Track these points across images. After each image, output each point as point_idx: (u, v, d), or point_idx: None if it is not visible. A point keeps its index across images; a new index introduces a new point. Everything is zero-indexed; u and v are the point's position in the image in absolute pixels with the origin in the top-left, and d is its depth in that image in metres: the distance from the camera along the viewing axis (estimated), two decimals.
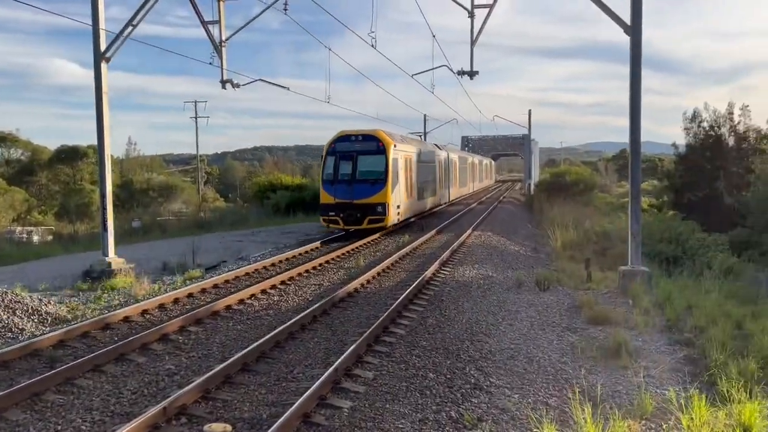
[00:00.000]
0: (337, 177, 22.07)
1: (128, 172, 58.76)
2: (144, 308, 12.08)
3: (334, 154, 22.31)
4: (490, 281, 15.12)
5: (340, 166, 22.09)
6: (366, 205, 21.92)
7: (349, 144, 22.27)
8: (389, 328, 10.67)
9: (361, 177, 22.00)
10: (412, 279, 15.21)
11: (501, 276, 16.05)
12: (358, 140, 22.25)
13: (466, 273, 16.16)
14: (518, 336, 10.56)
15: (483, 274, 16.03)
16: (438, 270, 16.28)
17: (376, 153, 22.10)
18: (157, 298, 12.68)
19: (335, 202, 21.94)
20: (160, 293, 14.10)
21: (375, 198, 21.90)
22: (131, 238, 25.26)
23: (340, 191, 21.96)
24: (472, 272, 16.25)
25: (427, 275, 15.04)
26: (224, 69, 18.64)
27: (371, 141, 22.24)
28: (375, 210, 21.92)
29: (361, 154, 22.16)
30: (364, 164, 22.06)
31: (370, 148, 22.17)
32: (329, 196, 22.12)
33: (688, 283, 14.83)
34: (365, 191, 21.92)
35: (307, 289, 14.37)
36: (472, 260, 18.09)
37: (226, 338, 10.39)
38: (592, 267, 15.94)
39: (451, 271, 16.39)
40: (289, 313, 12.05)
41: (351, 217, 21.96)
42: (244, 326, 11.15)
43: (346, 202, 21.84)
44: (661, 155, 77.14)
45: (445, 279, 15.30)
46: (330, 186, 22.16)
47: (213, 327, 11.04)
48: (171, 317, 11.70)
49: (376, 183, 21.95)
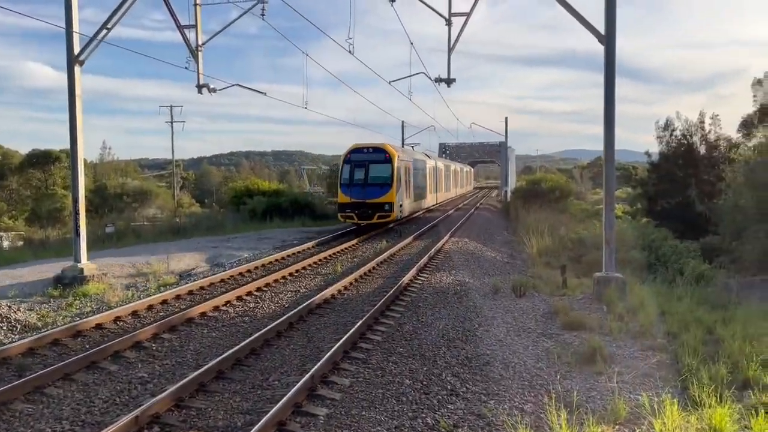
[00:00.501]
0: (352, 181, 26.86)
1: (102, 176, 57.91)
2: (117, 315, 11.90)
3: (349, 162, 27.21)
4: (467, 287, 15.12)
5: (354, 172, 26.93)
6: (376, 204, 26.66)
7: (362, 155, 27.22)
8: (366, 334, 10.64)
9: (371, 181, 26.79)
10: (389, 285, 15.18)
11: (478, 282, 16.05)
12: (369, 152, 27.26)
13: (443, 279, 16.13)
14: (494, 342, 10.60)
15: (460, 281, 16.00)
16: (415, 276, 16.28)
17: (384, 162, 26.93)
18: (130, 305, 12.50)
19: (351, 201, 26.65)
20: (133, 300, 13.91)
21: (383, 198, 26.71)
22: (104, 244, 24.88)
23: (355, 192, 26.73)
24: (450, 278, 16.22)
25: (405, 281, 15.02)
26: (200, 73, 18.50)
27: (380, 152, 27.23)
28: (383, 208, 26.68)
29: (371, 162, 27.02)
30: (374, 171, 26.89)
31: (378, 158, 27.10)
32: (346, 197, 26.81)
33: (661, 289, 15.01)
34: (375, 193, 26.70)
35: (283, 296, 14.27)
36: (450, 266, 18.14)
37: (200, 345, 10.27)
38: (568, 273, 16.05)
39: (428, 277, 16.35)
40: (264, 320, 11.97)
41: (364, 213, 26.63)
42: (219, 333, 11.04)
43: (360, 202, 26.59)
44: (635, 163, 78.00)
45: (422, 285, 15.28)
46: (347, 188, 26.87)
47: (187, 334, 10.91)
48: (144, 324, 11.54)
49: (384, 186, 26.75)
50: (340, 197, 27.19)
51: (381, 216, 26.67)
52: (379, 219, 26.70)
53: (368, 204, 26.66)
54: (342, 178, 27.26)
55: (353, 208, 26.73)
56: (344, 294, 14.39)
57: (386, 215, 26.71)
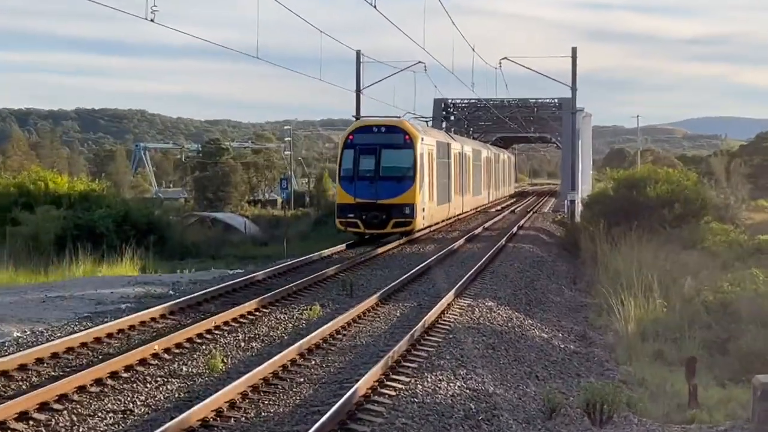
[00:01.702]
0: (357, 173, 21.72)
1: None
2: None
3: (352, 147, 21.96)
4: (491, 406, 8.98)
5: (360, 161, 21.75)
6: (391, 206, 21.63)
7: (371, 135, 22.12)
8: None
9: (385, 174, 21.76)
10: (325, 401, 8.12)
11: (513, 394, 9.81)
12: (381, 131, 22.20)
13: (441, 389, 9.11)
14: None
15: (476, 391, 9.37)
16: (381, 382, 8.82)
17: (402, 147, 21.96)
18: None
19: (355, 202, 21.52)
20: None
21: (402, 198, 21.73)
22: None
23: (361, 190, 21.56)
24: (456, 386, 9.33)
25: (358, 395, 8.02)
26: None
27: (396, 133, 22.14)
28: (402, 211, 21.71)
29: (385, 147, 21.94)
30: (389, 159, 21.91)
31: (395, 140, 22.10)
32: (348, 195, 21.73)
33: None
34: (390, 190, 21.67)
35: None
36: (457, 359, 10.41)
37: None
38: (702, 376, 10.92)
39: (410, 384, 9.01)
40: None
41: (374, 219, 21.57)
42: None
43: (369, 203, 21.47)
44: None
45: (397, 403, 8.34)
46: (349, 184, 21.78)
47: None
48: None
49: (403, 180, 21.83)
50: (339, 195, 22.59)
51: (399, 223, 21.75)
52: (396, 228, 21.88)
53: (381, 206, 21.51)
54: (342, 168, 22.26)
55: (359, 212, 21.54)
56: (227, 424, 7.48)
57: (406, 222, 21.84)
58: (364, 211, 21.44)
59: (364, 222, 21.48)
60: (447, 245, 21.77)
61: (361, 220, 21.45)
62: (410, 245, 22.41)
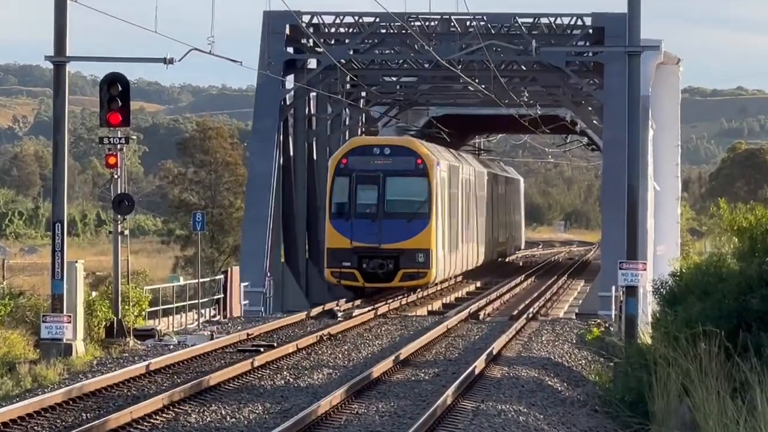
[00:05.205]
0: (354, 209, 17.83)
1: None
2: None
3: (347, 174, 17.93)
4: None
5: (358, 192, 17.70)
6: (400, 251, 17.49)
7: (372, 159, 18.07)
8: None
9: (392, 210, 17.78)
10: None
11: None
12: (385, 153, 18.16)
13: None
14: None
15: None
16: None
17: (414, 174, 18.03)
18: None
19: (352, 246, 17.60)
20: None
21: (414, 242, 17.78)
22: None
23: (360, 231, 17.77)
24: None
25: None
26: None
27: (405, 155, 18.26)
28: (414, 259, 17.65)
29: (391, 174, 17.85)
30: (397, 190, 17.89)
31: (404, 165, 18.21)
32: (343, 238, 17.96)
33: None
34: (399, 231, 17.57)
35: None
36: None
37: None
38: None
39: None
40: None
41: (379, 269, 17.36)
42: None
43: (370, 248, 17.62)
44: None
45: None
46: (343, 223, 17.90)
47: None
48: None
49: (415, 218, 17.60)
50: (329, 238, 18.53)
51: (409, 275, 18.26)
52: (405, 281, 18.42)
53: (385, 252, 17.96)
54: (333, 203, 18.61)
55: (356, 260, 18.07)
56: None
57: (420, 273, 18.26)
58: (363, 259, 18.08)
59: (363, 273, 18.04)
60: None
61: (360, 270, 18.00)
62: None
